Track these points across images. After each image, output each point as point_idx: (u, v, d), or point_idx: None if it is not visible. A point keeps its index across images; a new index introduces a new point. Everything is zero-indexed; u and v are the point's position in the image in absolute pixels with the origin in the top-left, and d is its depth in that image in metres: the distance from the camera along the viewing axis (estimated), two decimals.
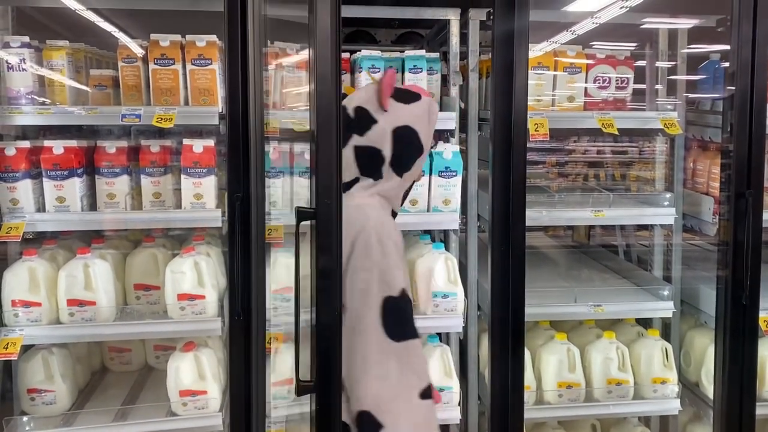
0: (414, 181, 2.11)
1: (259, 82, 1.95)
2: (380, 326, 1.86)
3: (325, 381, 1.84)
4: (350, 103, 2.03)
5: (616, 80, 2.88)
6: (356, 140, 1.98)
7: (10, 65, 2.48)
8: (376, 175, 1.99)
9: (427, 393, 1.90)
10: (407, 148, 1.98)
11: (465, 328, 2.77)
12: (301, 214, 1.84)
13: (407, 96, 2.02)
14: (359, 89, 2.45)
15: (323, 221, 1.81)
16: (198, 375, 2.49)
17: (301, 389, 1.86)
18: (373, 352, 1.86)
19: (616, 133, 2.68)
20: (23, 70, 2.48)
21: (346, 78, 2.77)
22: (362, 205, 1.97)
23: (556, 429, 3.02)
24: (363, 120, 1.98)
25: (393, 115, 1.97)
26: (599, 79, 2.87)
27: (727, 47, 2.27)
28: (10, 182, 2.44)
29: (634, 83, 2.92)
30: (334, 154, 1.81)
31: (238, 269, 1.94)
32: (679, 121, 2.78)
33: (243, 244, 1.97)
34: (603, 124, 2.67)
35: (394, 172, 1.99)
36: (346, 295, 1.88)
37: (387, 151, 1.97)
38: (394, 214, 2.05)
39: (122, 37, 2.66)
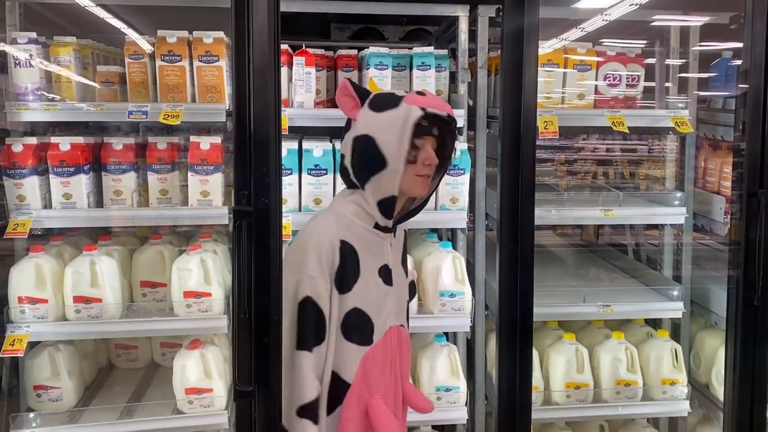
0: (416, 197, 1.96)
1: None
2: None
3: (264, 387, 1.79)
4: None
5: (627, 78, 2.86)
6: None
7: (17, 61, 2.48)
8: (348, 183, 1.93)
9: (303, 412, 1.83)
10: (360, 158, 1.86)
11: (472, 328, 2.76)
12: (238, 214, 1.77)
13: (385, 102, 1.85)
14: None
15: (261, 221, 1.77)
16: (204, 373, 2.48)
17: (238, 395, 1.81)
18: (287, 357, 1.84)
19: (627, 131, 2.66)
20: (30, 66, 2.48)
21: (353, 75, 2.76)
22: (324, 211, 1.97)
23: (564, 430, 3.01)
24: (345, 126, 1.93)
25: (359, 123, 1.87)
26: (609, 77, 2.84)
27: (740, 45, 2.23)
28: (17, 179, 2.44)
29: (644, 81, 2.89)
30: (273, 152, 1.76)
31: (245, 267, 1.92)
32: (691, 119, 2.76)
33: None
34: (613, 122, 2.65)
35: (358, 183, 1.89)
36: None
37: (348, 161, 1.90)
38: (381, 227, 1.92)
39: (129, 34, 2.66)
